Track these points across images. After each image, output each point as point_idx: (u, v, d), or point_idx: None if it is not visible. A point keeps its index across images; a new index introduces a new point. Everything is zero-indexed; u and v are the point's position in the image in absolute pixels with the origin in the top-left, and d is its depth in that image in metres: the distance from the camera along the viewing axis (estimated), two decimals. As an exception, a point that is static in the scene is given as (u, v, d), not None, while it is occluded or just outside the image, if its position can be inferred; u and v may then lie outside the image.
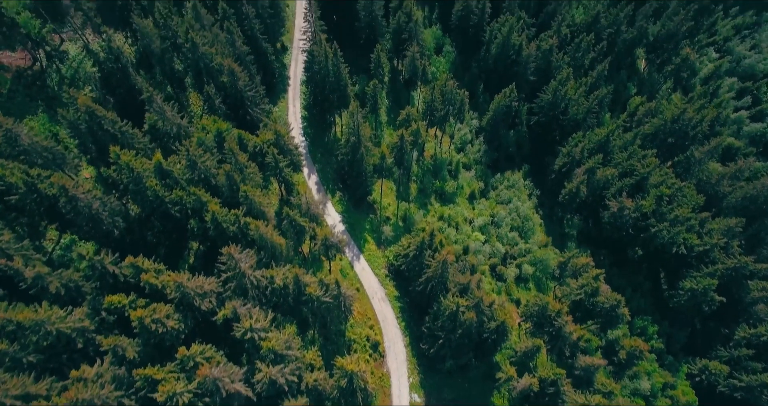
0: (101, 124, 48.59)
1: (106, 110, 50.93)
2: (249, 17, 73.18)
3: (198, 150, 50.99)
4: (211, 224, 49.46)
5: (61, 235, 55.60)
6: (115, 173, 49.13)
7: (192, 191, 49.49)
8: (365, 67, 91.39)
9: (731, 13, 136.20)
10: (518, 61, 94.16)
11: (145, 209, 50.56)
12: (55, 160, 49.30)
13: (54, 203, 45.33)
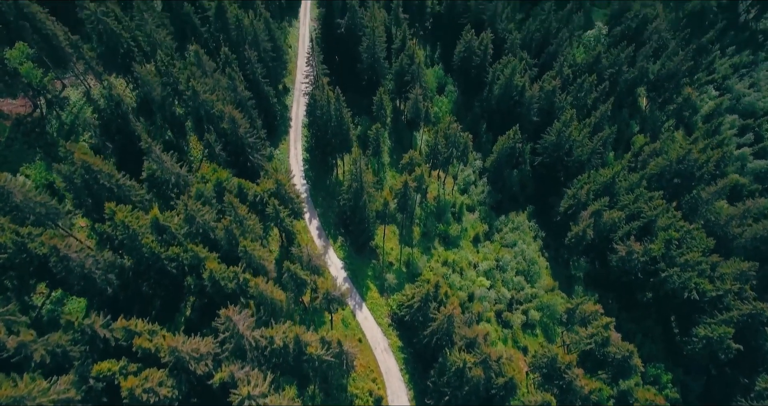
0: (97, 179, 47.21)
1: (103, 161, 49.68)
2: (251, 62, 72.95)
3: (196, 204, 49.45)
4: (209, 281, 47.45)
5: (52, 290, 53.52)
6: (110, 228, 47.44)
7: (189, 248, 47.68)
8: (367, 107, 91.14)
9: (728, 53, 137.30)
10: (521, 102, 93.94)
11: (141, 265, 48.63)
12: (49, 215, 47.71)
13: (44, 262, 43.49)
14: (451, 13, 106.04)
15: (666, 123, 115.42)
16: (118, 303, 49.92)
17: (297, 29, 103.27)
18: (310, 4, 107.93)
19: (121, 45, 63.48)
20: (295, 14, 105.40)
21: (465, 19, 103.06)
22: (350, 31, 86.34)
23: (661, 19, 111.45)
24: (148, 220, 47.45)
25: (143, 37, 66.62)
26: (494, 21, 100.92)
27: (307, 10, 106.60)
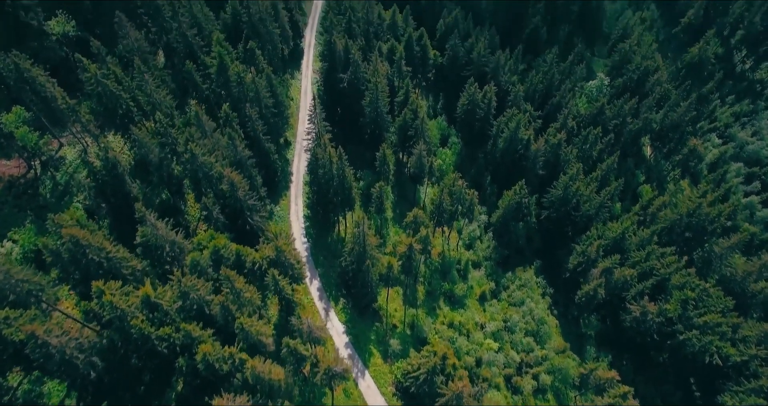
0: (86, 253, 44.57)
1: (92, 233, 47.13)
2: (252, 119, 71.71)
3: (191, 279, 46.60)
4: (202, 364, 43.98)
5: (29, 373, 49.86)
6: (97, 307, 44.44)
7: (182, 327, 44.48)
8: (370, 160, 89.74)
9: (727, 101, 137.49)
10: (526, 155, 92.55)
11: (129, 346, 45.30)
12: (32, 292, 44.78)
13: (21, 348, 40.27)
14: (453, 64, 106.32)
15: (672, 172, 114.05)
16: (102, 387, 46.26)
17: (299, 81, 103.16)
18: (312, 56, 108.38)
19: (120, 106, 62.26)
20: (297, 66, 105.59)
21: (468, 72, 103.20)
22: (353, 85, 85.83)
23: (662, 71, 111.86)
24: (139, 298, 44.45)
25: (143, 97, 65.52)
26: (497, 73, 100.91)
27: (309, 62, 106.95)
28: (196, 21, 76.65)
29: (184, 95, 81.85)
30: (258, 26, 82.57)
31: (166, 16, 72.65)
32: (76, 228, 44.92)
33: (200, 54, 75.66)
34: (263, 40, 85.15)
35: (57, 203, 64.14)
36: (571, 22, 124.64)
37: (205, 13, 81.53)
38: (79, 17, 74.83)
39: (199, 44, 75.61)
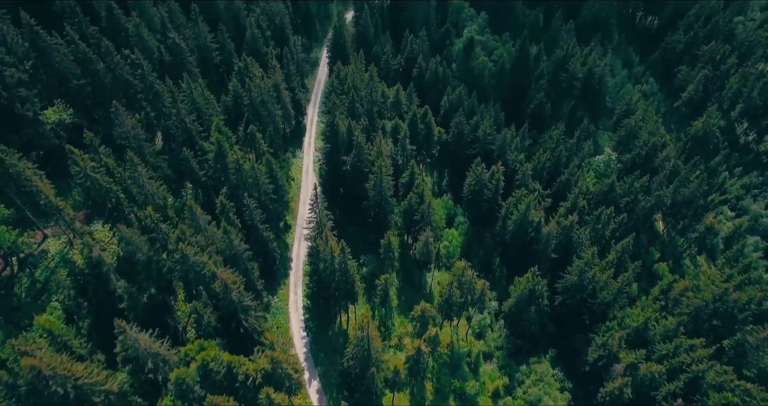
0: (49, 385, 38.89)
1: (59, 357, 41.60)
2: (250, 208, 68.05)
3: None
4: None
5: None
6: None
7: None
8: (374, 242, 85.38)
9: (736, 173, 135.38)
10: (537, 238, 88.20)
11: None
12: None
13: None
14: (458, 142, 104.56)
15: (687, 249, 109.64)
16: None
17: (300, 159, 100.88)
18: (315, 133, 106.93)
19: (110, 200, 58.65)
20: (299, 144, 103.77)
21: (473, 150, 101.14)
22: (356, 168, 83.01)
23: (670, 147, 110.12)
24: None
25: (135, 188, 62.12)
26: (503, 151, 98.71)
27: (312, 139, 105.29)
28: (195, 106, 74.90)
29: (181, 178, 78.84)
30: (259, 109, 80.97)
31: (166, 102, 70.84)
32: (37, 360, 39.15)
33: (199, 139, 73.22)
34: (264, 123, 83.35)
35: (33, 303, 58.95)
36: (574, 97, 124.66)
37: (206, 96, 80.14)
38: (77, 104, 73.18)
39: (197, 129, 73.38)
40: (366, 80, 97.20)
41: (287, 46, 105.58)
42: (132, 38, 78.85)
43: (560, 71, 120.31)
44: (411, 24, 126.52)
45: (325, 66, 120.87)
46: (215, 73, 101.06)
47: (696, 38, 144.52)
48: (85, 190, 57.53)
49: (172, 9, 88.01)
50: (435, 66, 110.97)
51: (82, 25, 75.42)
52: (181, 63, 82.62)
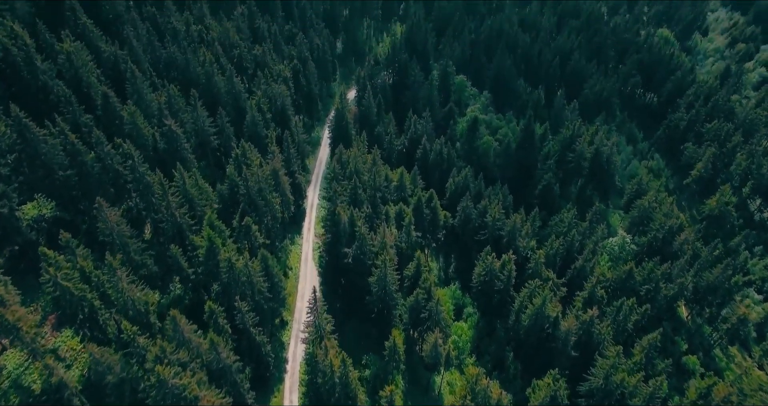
0: None
1: None
2: (242, 312, 61.48)
3: None
4: None
5: None
6: None
7: None
8: (376, 339, 78.26)
9: (756, 252, 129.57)
10: (555, 335, 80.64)
11: None
12: None
13: None
14: (465, 227, 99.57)
15: (718, 340, 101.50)
16: None
17: (299, 246, 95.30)
18: (315, 217, 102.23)
19: (82, 310, 52.32)
20: (298, 229, 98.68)
21: (482, 236, 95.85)
22: (358, 260, 77.21)
23: (688, 230, 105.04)
24: None
25: (114, 293, 55.93)
26: (513, 237, 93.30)
27: (312, 224, 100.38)
28: (187, 198, 70.42)
29: (169, 273, 72.68)
30: (256, 199, 76.50)
31: (156, 194, 66.34)
32: None
33: (189, 233, 68.01)
34: (260, 213, 78.62)
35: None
36: (583, 177, 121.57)
37: (201, 186, 76.03)
38: (62, 195, 68.69)
39: (188, 223, 68.37)
40: (369, 164, 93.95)
41: (288, 128, 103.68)
42: (126, 126, 75.98)
43: (567, 151, 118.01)
44: (414, 103, 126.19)
45: (327, 146, 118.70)
46: (213, 156, 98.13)
47: (698, 116, 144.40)
48: (54, 299, 51.44)
49: (171, 95, 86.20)
50: (439, 147, 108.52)
51: (76, 114, 72.73)
52: (176, 150, 79.34)
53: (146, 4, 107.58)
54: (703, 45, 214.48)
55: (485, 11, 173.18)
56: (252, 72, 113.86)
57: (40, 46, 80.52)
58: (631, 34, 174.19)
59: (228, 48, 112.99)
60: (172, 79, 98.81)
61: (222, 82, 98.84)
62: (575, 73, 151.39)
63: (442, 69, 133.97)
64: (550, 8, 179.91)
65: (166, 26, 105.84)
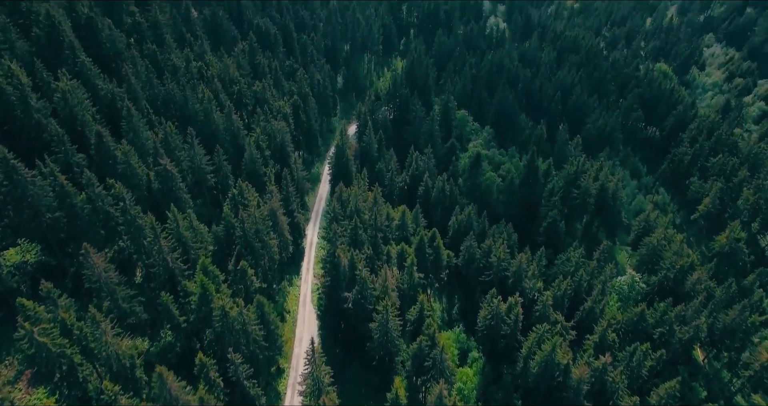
0: None
1: None
2: (235, 364, 57.61)
3: None
4: None
5: None
6: None
7: None
8: (377, 385, 74.59)
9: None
10: (566, 383, 76.17)
11: None
12: None
13: None
14: (469, 266, 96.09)
15: (740, 387, 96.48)
16: None
17: (297, 288, 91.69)
18: (314, 257, 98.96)
19: (60, 368, 48.63)
20: (296, 270, 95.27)
21: (487, 277, 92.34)
22: (359, 305, 73.66)
23: (700, 270, 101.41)
24: None
25: (97, 347, 52.25)
26: (520, 278, 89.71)
27: (311, 265, 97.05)
28: (181, 241, 67.48)
29: (159, 319, 68.96)
30: (252, 242, 73.58)
31: (147, 238, 63.41)
32: None
33: (182, 279, 64.74)
34: (257, 256, 75.55)
35: None
36: (588, 213, 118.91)
37: (196, 227, 73.17)
38: (50, 237, 65.80)
39: (180, 268, 65.21)
40: (370, 202, 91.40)
41: (288, 165, 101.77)
42: (120, 165, 73.74)
43: (572, 187, 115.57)
44: (415, 139, 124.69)
45: (327, 182, 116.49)
46: (210, 194, 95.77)
47: (702, 150, 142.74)
48: (29, 357, 47.82)
49: (168, 132, 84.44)
50: (441, 184, 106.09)
51: (68, 153, 70.63)
52: (170, 190, 76.91)
53: (147, 41, 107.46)
54: (701, 79, 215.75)
55: (485, 47, 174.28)
56: (252, 108, 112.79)
57: (36, 84, 79.61)
58: (630, 69, 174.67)
59: (228, 84, 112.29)
60: (170, 117, 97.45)
61: (220, 118, 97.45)
62: (577, 108, 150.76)
63: (444, 104, 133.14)
64: (550, 44, 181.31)
65: (165, 63, 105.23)
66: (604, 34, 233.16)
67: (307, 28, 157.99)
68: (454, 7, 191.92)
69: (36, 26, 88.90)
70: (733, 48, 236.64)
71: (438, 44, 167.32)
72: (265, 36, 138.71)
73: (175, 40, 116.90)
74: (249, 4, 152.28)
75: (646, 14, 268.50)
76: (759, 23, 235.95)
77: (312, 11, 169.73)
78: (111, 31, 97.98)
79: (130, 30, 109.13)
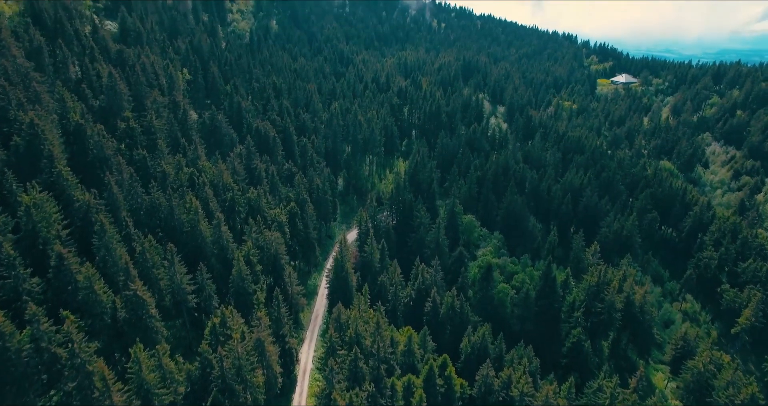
0: None
1: None
2: None
3: None
4: None
5: None
6: None
7: None
8: None
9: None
10: None
11: None
12: None
13: None
14: (486, 399, 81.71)
15: None
16: None
17: (285, 431, 76.66)
18: (307, 387, 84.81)
19: None
20: (287, 402, 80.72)
21: None
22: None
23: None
24: None
25: None
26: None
27: (303, 397, 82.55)
28: (142, 389, 55.08)
29: None
30: (232, 383, 61.06)
31: (95, 392, 51.17)
32: None
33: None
34: (236, 398, 62.35)
35: None
36: (615, 329, 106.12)
37: (165, 365, 60.93)
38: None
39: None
40: (372, 326, 79.63)
41: (280, 280, 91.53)
42: (81, 291, 63.44)
43: (595, 301, 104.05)
44: (420, 248, 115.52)
45: (324, 297, 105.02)
46: (189, 315, 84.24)
47: (728, 254, 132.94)
48: None
49: (146, 249, 75.16)
50: (451, 300, 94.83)
51: (19, 280, 60.62)
52: (140, 319, 65.76)
53: (138, 146, 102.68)
54: (707, 177, 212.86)
55: (489, 147, 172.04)
56: (245, 216, 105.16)
57: (4, 196, 72.30)
58: (638, 169, 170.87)
59: (221, 191, 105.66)
60: (153, 228, 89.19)
61: (208, 230, 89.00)
62: (588, 210, 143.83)
63: (449, 208, 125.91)
64: (553, 144, 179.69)
65: (155, 169, 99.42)
66: (604, 134, 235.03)
67: (308, 130, 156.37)
68: (456, 109, 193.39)
69: (17, 135, 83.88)
70: (733, 146, 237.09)
71: (441, 145, 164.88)
72: (264, 139, 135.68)
73: (169, 144, 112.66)
74: (250, 107, 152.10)
75: (642, 114, 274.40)
76: (752, 124, 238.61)
77: (314, 114, 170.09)
78: (100, 137, 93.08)
79: (122, 135, 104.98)
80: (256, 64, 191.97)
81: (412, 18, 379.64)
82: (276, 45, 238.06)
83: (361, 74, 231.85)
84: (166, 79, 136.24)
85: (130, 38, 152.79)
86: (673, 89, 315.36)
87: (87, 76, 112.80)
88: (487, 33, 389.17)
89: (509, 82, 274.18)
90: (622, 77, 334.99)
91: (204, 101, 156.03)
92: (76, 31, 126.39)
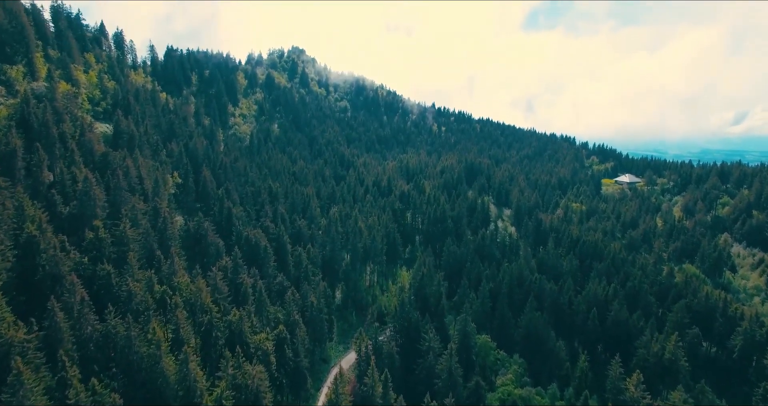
0: None
1: None
2: None
3: None
4: None
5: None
6: None
7: None
8: None
9: None
10: None
11: None
12: None
13: None
14: None
15: None
16: None
17: None
18: None
19: None
20: None
21: None
22: None
23: None
24: None
25: None
26: None
27: None
28: None
29: None
30: None
31: None
32: None
33: None
34: None
35: None
36: None
37: None
38: None
39: None
40: None
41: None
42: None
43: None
44: (429, 379, 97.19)
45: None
46: None
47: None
48: None
49: (81, 400, 58.65)
50: (472, 455, 75.25)
51: None
52: None
53: (104, 260, 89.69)
54: (738, 283, 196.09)
55: (499, 255, 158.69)
56: (223, 343, 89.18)
57: None
58: (664, 276, 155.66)
59: (197, 313, 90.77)
60: (106, 364, 73.38)
61: (173, 367, 72.90)
62: (619, 325, 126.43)
63: (461, 328, 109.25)
64: (568, 250, 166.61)
65: (120, 288, 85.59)
66: (618, 237, 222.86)
67: (304, 238, 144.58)
68: (461, 214, 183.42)
69: (-44, 252, 71.66)
70: (758, 248, 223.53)
71: (448, 254, 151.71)
72: (254, 249, 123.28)
73: (143, 256, 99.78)
74: (241, 214, 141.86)
75: (653, 214, 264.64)
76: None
77: (311, 220, 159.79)
78: (56, 251, 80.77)
79: (89, 247, 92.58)
80: (253, 168, 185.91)
81: (413, 122, 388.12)
82: (276, 148, 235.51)
83: (362, 177, 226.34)
84: (151, 184, 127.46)
85: (122, 141, 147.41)
86: (679, 188, 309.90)
87: (60, 181, 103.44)
88: (487, 135, 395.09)
89: (514, 184, 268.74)
90: (626, 177, 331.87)
91: (194, 206, 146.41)
92: (62, 134, 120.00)
